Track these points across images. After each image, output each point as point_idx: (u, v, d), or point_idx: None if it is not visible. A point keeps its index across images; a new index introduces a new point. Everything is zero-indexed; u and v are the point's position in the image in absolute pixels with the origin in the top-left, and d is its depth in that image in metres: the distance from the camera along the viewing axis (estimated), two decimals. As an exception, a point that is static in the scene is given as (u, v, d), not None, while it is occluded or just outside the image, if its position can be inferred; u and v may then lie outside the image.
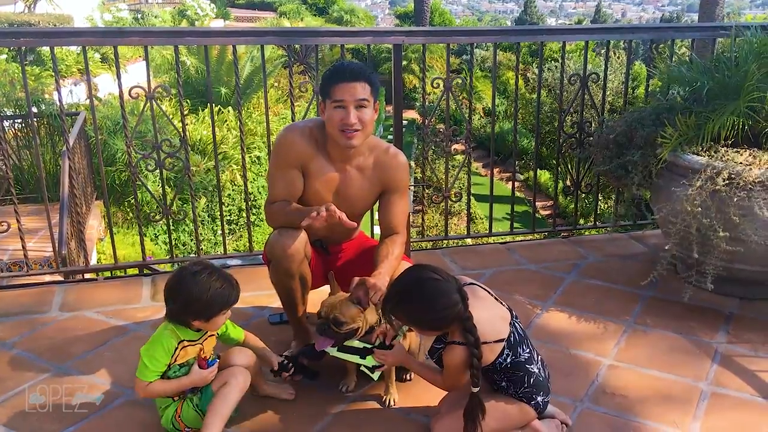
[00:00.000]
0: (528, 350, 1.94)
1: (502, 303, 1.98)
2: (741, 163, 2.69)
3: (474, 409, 1.86)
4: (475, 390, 1.84)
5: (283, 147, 2.33)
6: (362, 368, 2.16)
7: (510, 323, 1.92)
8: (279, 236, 2.27)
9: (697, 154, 2.80)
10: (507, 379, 1.93)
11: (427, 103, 3.64)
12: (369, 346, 2.12)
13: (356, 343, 2.13)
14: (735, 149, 2.82)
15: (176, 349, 2.01)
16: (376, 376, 2.14)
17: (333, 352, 2.15)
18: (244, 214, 9.10)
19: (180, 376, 2.03)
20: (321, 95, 2.29)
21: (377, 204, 2.48)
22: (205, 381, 2.06)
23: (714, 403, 2.26)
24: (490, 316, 1.89)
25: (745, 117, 2.80)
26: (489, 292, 1.98)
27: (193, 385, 2.05)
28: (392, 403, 2.22)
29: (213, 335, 2.11)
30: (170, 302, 2.00)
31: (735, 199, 2.59)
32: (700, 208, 2.63)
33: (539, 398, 1.96)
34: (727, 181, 2.61)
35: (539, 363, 1.98)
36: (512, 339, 1.90)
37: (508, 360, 1.89)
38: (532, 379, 1.93)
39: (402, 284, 1.87)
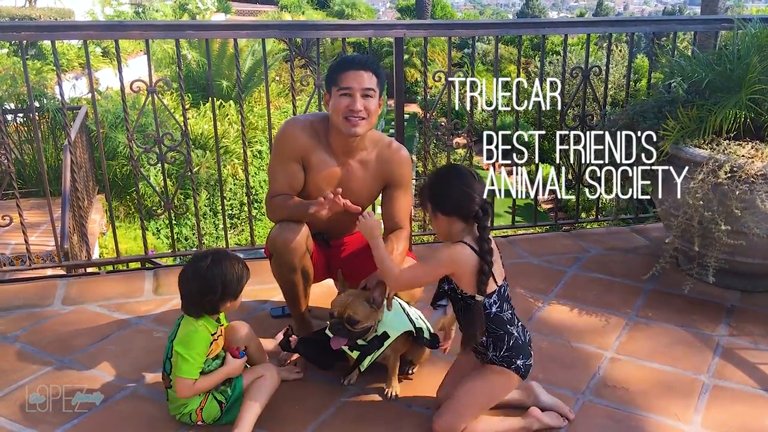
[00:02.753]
0: (510, 311, 2.00)
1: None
2: (743, 156, 2.68)
3: (476, 316, 1.93)
4: (479, 299, 1.92)
5: (284, 140, 2.33)
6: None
7: (504, 281, 2.01)
8: (281, 230, 2.27)
9: (699, 147, 2.79)
10: (488, 334, 1.97)
11: (428, 97, 3.62)
12: (365, 343, 2.16)
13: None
14: (737, 142, 2.82)
15: (210, 343, 2.03)
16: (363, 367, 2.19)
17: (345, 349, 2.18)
18: (246, 208, 9.11)
19: (214, 369, 2.05)
20: (327, 84, 2.29)
21: (379, 199, 2.48)
22: (239, 370, 2.08)
23: (715, 395, 2.26)
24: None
25: (747, 110, 2.79)
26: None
27: (229, 375, 2.07)
28: (394, 395, 2.22)
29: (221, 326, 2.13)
30: (208, 296, 2.00)
31: (737, 192, 2.58)
32: (701, 201, 2.63)
33: (519, 362, 1.99)
34: (729, 174, 2.60)
35: (519, 327, 2.03)
36: (503, 291, 1.98)
37: (494, 309, 1.95)
38: (512, 341, 1.97)
39: (445, 166, 2.07)
